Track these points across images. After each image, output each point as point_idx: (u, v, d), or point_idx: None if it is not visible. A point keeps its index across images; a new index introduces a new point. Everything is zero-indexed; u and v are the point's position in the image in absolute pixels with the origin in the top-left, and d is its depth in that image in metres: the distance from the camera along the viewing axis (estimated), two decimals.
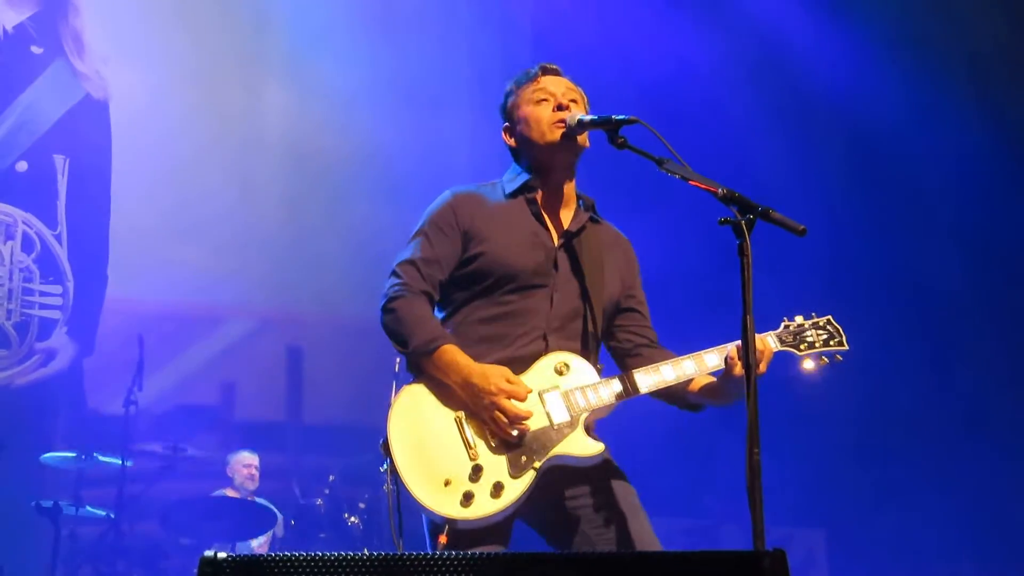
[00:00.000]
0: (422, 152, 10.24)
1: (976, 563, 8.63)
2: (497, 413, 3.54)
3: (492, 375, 3.58)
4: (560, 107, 3.84)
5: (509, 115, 3.99)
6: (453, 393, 3.63)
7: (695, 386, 3.83)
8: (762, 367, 3.62)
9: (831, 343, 3.87)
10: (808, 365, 3.87)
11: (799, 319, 3.89)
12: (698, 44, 9.77)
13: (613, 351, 4.02)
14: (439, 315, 3.86)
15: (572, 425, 3.63)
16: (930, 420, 8.80)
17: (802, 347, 3.84)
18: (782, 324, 3.88)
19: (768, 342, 3.78)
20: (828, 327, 3.90)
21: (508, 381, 3.58)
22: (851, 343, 3.89)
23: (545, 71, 3.98)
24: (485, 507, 3.49)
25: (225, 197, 10.08)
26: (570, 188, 3.98)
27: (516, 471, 3.53)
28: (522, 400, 3.58)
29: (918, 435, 8.81)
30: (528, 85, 3.95)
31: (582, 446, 3.63)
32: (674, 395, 3.85)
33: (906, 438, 8.84)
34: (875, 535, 9.15)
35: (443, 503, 3.49)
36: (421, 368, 3.69)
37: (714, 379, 3.79)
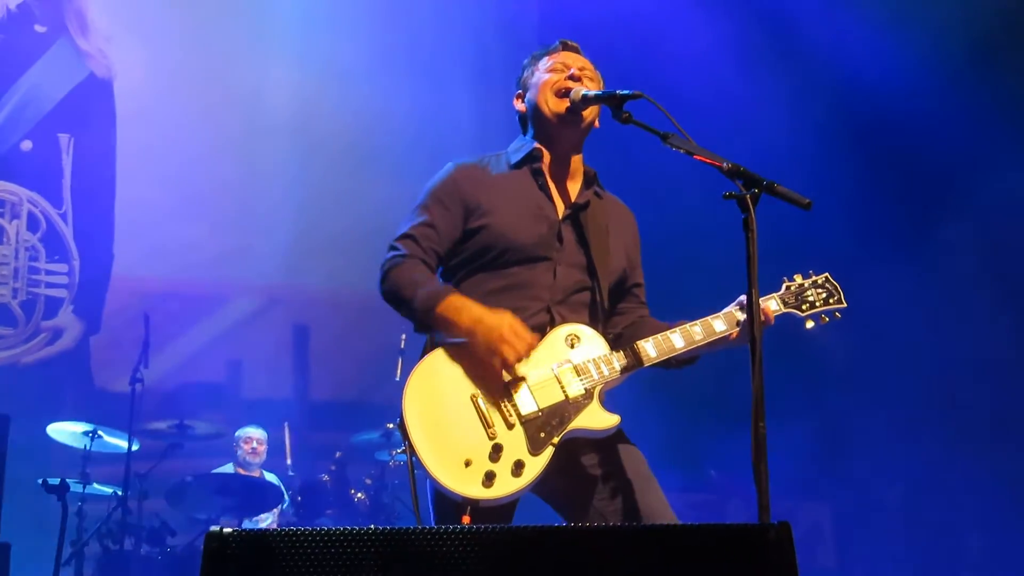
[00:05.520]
0: (427, 127, 10.24)
1: (983, 535, 8.64)
2: (506, 347, 3.52)
3: (506, 317, 3.57)
4: (573, 77, 3.84)
5: (524, 83, 4.01)
6: (466, 368, 3.59)
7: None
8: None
9: (831, 301, 3.95)
10: (810, 325, 3.93)
11: (798, 278, 3.96)
12: (702, 20, 9.73)
13: (605, 335, 3.98)
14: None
15: (588, 398, 3.63)
16: (936, 391, 8.79)
17: (804, 307, 3.91)
18: (783, 285, 3.93)
19: (768, 307, 3.83)
20: (827, 285, 3.97)
21: (527, 347, 3.56)
22: (855, 316, 3.90)
23: (565, 46, 4.00)
24: (508, 486, 3.48)
25: (230, 175, 10.08)
26: (577, 161, 3.97)
27: (535, 448, 3.52)
28: (528, 346, 3.56)
29: (923, 407, 8.80)
30: (546, 57, 3.97)
31: (599, 419, 3.63)
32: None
33: (912, 410, 8.83)
34: (881, 509, 9.17)
35: (466, 484, 3.46)
36: (429, 326, 3.65)
37: None
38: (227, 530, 2.54)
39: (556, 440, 3.55)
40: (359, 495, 8.41)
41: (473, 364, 3.60)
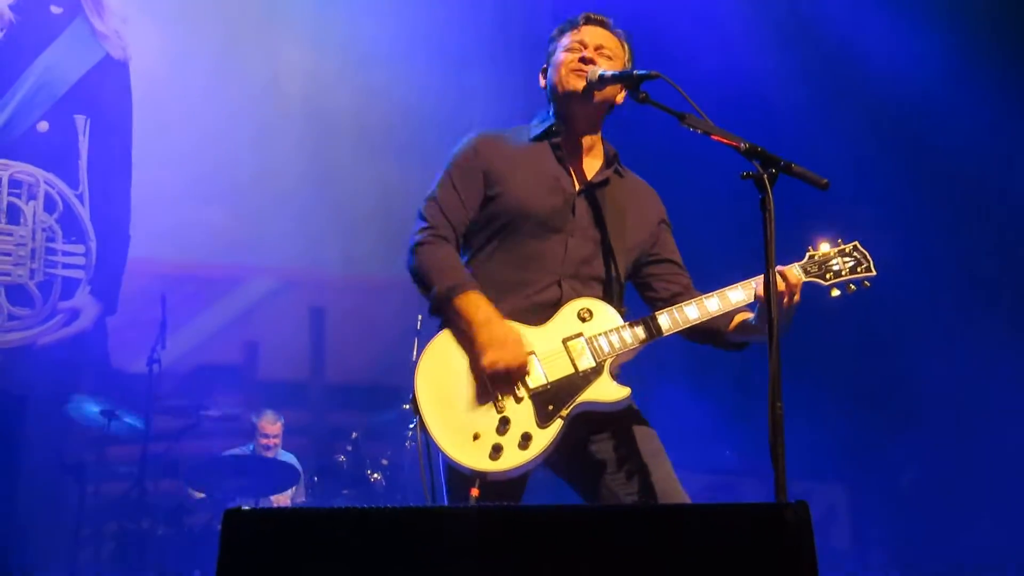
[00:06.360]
0: (445, 109, 10.21)
1: (995, 516, 8.61)
2: (497, 372, 3.54)
3: (512, 340, 3.57)
4: (584, 59, 3.83)
5: (548, 59, 3.99)
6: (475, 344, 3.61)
7: (735, 324, 3.82)
8: (795, 297, 3.63)
9: (859, 270, 3.82)
10: (835, 293, 3.80)
11: (824, 247, 3.85)
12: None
13: (650, 302, 3.98)
14: (461, 259, 3.84)
15: (597, 371, 3.64)
16: (952, 373, 8.76)
17: (828, 276, 3.80)
18: (807, 254, 3.83)
19: (794, 272, 3.73)
20: (855, 253, 3.85)
21: (519, 360, 3.57)
22: (876, 298, 3.84)
23: (588, 20, 3.96)
24: (514, 459, 3.50)
25: (246, 156, 10.07)
26: (596, 139, 3.97)
27: (543, 421, 3.54)
28: (520, 375, 3.57)
29: (940, 390, 8.78)
30: (569, 32, 3.94)
31: (608, 391, 3.63)
32: (714, 335, 3.86)
33: (929, 393, 8.80)
34: (896, 491, 9.15)
35: (473, 457, 3.50)
36: (443, 313, 3.68)
37: (750, 314, 3.77)
38: (245, 508, 2.56)
39: (565, 413, 3.57)
40: (375, 476, 8.44)
41: None
